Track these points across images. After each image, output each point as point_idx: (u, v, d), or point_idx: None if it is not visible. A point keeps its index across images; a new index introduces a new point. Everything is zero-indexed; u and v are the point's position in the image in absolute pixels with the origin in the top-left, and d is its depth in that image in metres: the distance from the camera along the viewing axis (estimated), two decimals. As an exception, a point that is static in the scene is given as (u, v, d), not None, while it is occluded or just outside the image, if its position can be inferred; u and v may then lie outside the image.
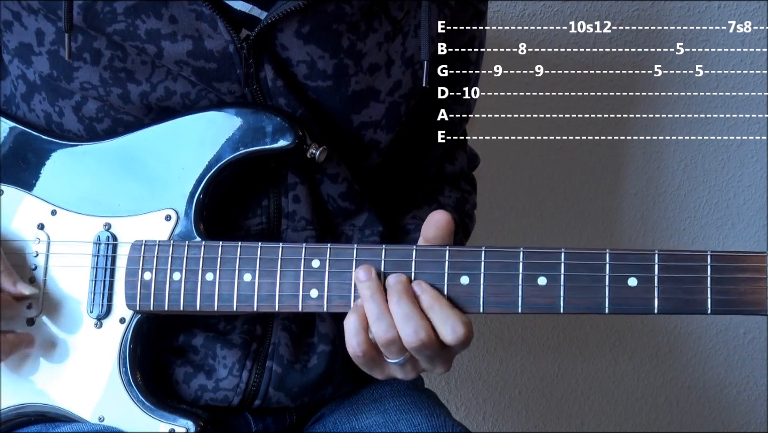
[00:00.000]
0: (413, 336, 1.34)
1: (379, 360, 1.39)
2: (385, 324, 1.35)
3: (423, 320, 1.35)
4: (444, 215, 1.38)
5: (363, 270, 1.37)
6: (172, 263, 1.44)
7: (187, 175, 1.46)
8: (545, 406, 2.44)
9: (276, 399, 1.53)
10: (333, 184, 1.53)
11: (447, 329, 1.35)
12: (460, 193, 1.70)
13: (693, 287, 1.32)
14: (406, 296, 1.35)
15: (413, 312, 1.35)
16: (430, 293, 1.36)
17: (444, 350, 1.37)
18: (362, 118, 1.53)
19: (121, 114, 1.50)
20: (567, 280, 1.35)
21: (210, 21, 1.45)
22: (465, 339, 1.35)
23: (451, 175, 1.70)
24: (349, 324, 1.37)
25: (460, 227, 1.66)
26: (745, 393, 2.50)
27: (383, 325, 1.35)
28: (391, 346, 1.36)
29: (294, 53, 1.47)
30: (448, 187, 1.69)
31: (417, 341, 1.34)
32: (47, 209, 1.51)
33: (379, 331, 1.35)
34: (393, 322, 1.35)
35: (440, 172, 1.69)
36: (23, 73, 1.53)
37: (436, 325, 1.35)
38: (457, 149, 1.71)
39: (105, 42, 1.47)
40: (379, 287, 1.37)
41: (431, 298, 1.36)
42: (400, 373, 1.41)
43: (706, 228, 2.42)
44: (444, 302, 1.36)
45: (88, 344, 1.48)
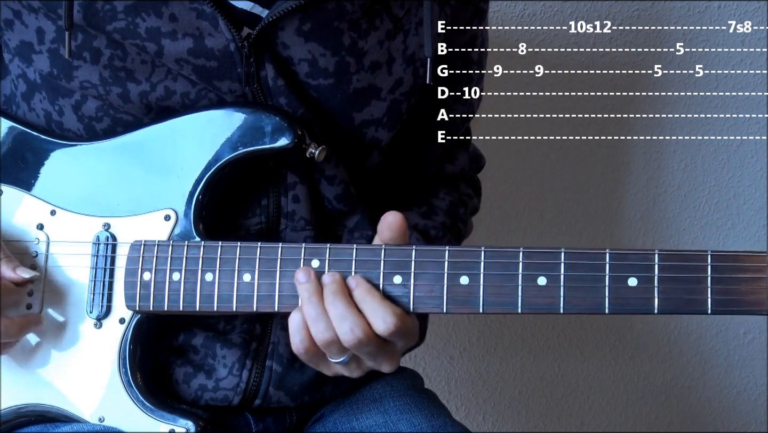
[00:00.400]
0: (350, 334, 1.35)
1: (322, 357, 1.41)
2: (323, 325, 1.36)
3: (357, 318, 1.36)
4: (396, 216, 1.38)
5: (302, 272, 1.38)
6: (171, 263, 1.44)
7: (186, 175, 1.46)
8: (545, 406, 2.44)
9: (276, 398, 1.53)
10: (330, 186, 1.53)
11: (378, 320, 1.35)
12: (457, 196, 1.69)
13: (693, 287, 1.32)
14: (339, 295, 1.36)
15: (347, 310, 1.36)
16: (363, 286, 1.37)
17: (385, 345, 1.38)
18: (364, 116, 1.53)
19: (120, 114, 1.50)
20: (567, 280, 1.35)
21: (211, 19, 1.45)
22: (396, 330, 1.36)
23: (450, 175, 1.69)
24: (292, 322, 1.38)
25: (451, 231, 1.65)
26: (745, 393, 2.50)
27: (321, 326, 1.37)
28: (331, 346, 1.37)
29: (295, 51, 1.47)
30: (444, 189, 1.68)
31: (354, 339, 1.35)
32: (46, 209, 1.50)
33: (318, 333, 1.37)
34: (330, 323, 1.36)
35: (440, 171, 1.69)
36: (23, 72, 1.53)
37: (368, 318, 1.36)
38: (458, 149, 1.70)
39: (105, 41, 1.47)
40: (317, 288, 1.38)
41: (363, 291, 1.37)
42: (346, 371, 1.42)
43: (706, 228, 2.42)
44: (375, 294, 1.37)
45: (87, 344, 1.48)
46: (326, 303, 1.37)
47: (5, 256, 1.46)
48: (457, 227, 1.67)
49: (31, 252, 1.50)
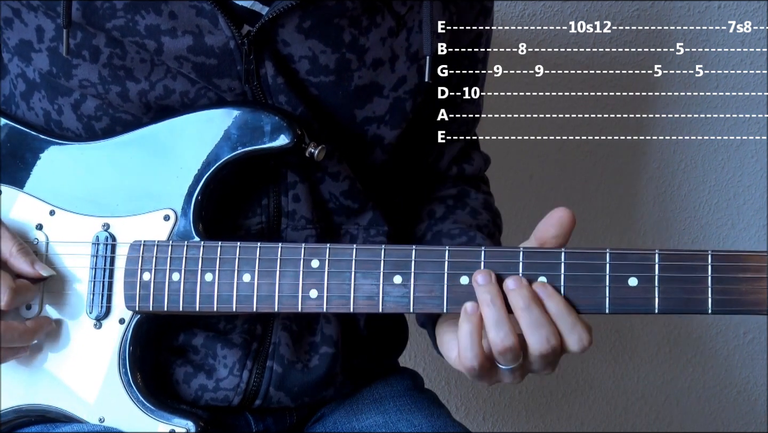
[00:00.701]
0: (545, 343, 1.32)
1: (492, 370, 1.36)
2: (504, 331, 1.32)
3: (552, 327, 1.32)
4: (568, 212, 1.35)
5: (482, 274, 1.34)
6: (171, 264, 1.44)
7: (185, 175, 1.46)
8: (545, 406, 2.44)
9: (276, 399, 1.53)
10: (335, 183, 1.53)
11: (574, 337, 1.33)
12: (485, 196, 1.69)
13: (693, 286, 1.32)
14: (534, 303, 1.32)
15: (543, 319, 1.32)
16: (557, 299, 1.33)
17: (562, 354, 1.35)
18: (365, 113, 1.52)
19: (119, 113, 1.49)
20: (567, 280, 1.34)
21: (211, 17, 1.45)
22: (589, 346, 1.34)
23: (470, 176, 1.69)
24: (464, 335, 1.34)
25: (496, 226, 1.65)
26: (745, 393, 2.50)
27: (502, 332, 1.32)
28: (508, 353, 1.33)
29: (295, 49, 1.47)
30: (473, 190, 1.68)
31: (548, 348, 1.32)
32: (46, 209, 1.50)
33: (497, 338, 1.32)
34: (512, 328, 1.32)
35: (461, 172, 1.68)
36: (23, 72, 1.53)
37: (563, 332, 1.33)
38: (473, 150, 1.71)
39: (104, 39, 1.47)
40: (499, 291, 1.33)
41: (558, 304, 1.33)
42: (509, 378, 1.38)
43: (706, 228, 2.42)
44: (571, 309, 1.33)
45: (87, 344, 1.48)
46: (518, 309, 1.32)
47: (21, 248, 1.46)
48: (497, 222, 1.67)
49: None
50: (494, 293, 1.33)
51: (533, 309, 1.32)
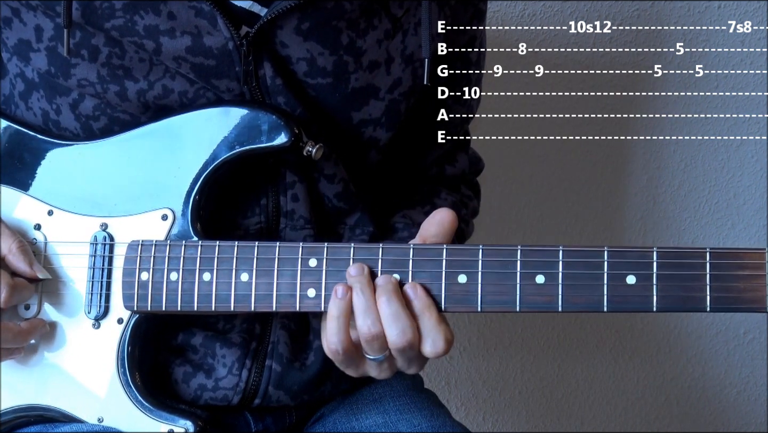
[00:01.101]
0: (401, 336, 1.35)
1: (357, 358, 1.40)
2: (371, 319, 1.36)
3: (411, 321, 1.35)
4: (449, 213, 1.38)
5: (355, 267, 1.38)
6: (169, 263, 1.44)
7: (183, 175, 1.46)
8: (545, 406, 2.44)
9: (276, 398, 1.53)
10: (329, 185, 1.53)
11: (428, 341, 1.36)
12: (458, 198, 1.69)
13: (692, 284, 1.32)
14: (395, 296, 1.36)
15: (402, 312, 1.35)
16: (424, 300, 1.37)
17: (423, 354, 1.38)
18: (362, 115, 1.52)
19: (117, 112, 1.50)
20: (565, 278, 1.34)
21: (209, 18, 1.45)
22: (442, 353, 1.36)
23: (451, 176, 1.69)
24: (333, 319, 1.38)
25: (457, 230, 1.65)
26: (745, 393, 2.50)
27: (369, 319, 1.36)
28: (374, 342, 1.36)
29: (294, 50, 1.47)
30: (445, 190, 1.68)
31: (404, 341, 1.35)
32: (44, 210, 1.50)
33: (364, 325, 1.36)
34: (379, 317, 1.36)
35: (441, 173, 1.68)
36: (21, 71, 1.53)
37: (422, 332, 1.36)
38: (458, 151, 1.70)
39: (103, 39, 1.47)
40: (370, 283, 1.37)
41: (423, 305, 1.36)
42: (375, 371, 1.41)
43: (706, 228, 2.42)
44: (434, 311, 1.37)
45: (86, 344, 1.48)
46: (380, 301, 1.36)
47: (21, 246, 1.46)
48: (460, 227, 1.67)
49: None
50: (364, 283, 1.37)
51: (393, 302, 1.35)
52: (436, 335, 1.35)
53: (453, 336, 1.37)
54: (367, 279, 1.37)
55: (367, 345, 1.37)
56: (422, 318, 1.36)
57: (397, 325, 1.35)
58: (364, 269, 1.38)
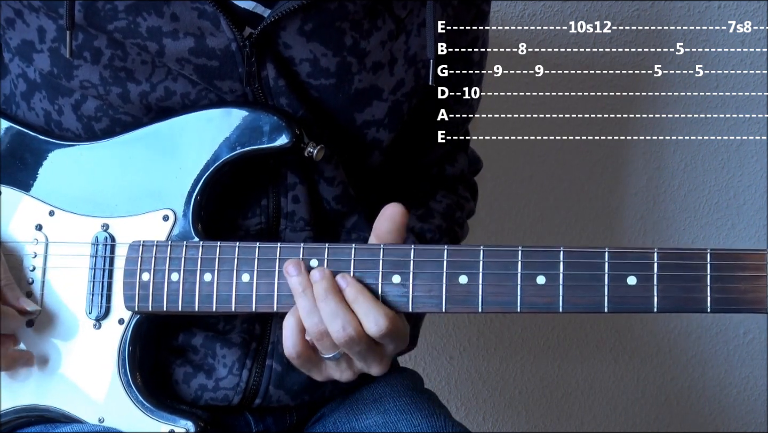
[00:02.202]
0: (341, 332, 1.36)
1: (315, 359, 1.41)
2: (317, 318, 1.37)
3: (349, 315, 1.36)
4: (397, 207, 1.39)
5: (292, 265, 1.39)
6: (170, 264, 1.44)
7: (184, 175, 1.46)
8: (545, 406, 2.44)
9: (276, 398, 1.53)
10: (329, 187, 1.53)
11: (370, 321, 1.36)
12: (455, 199, 1.69)
13: (692, 285, 1.32)
14: (331, 292, 1.37)
15: (339, 307, 1.36)
16: (354, 286, 1.38)
17: (375, 346, 1.39)
18: (365, 116, 1.53)
19: (120, 114, 1.50)
20: (566, 279, 1.35)
21: (212, 19, 1.45)
22: (388, 332, 1.36)
23: (450, 176, 1.70)
24: (287, 325, 1.39)
25: (447, 234, 1.65)
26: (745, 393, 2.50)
27: (315, 319, 1.37)
28: (324, 340, 1.38)
29: (297, 51, 1.47)
30: (442, 192, 1.68)
31: (345, 336, 1.36)
32: (45, 210, 1.50)
33: (311, 325, 1.37)
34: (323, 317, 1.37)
35: (441, 173, 1.69)
36: (24, 72, 1.53)
37: (360, 318, 1.37)
38: (458, 151, 1.71)
39: (105, 40, 1.47)
40: (309, 281, 1.38)
41: (355, 291, 1.37)
42: (337, 372, 1.42)
43: (706, 228, 2.42)
44: (367, 294, 1.37)
45: (87, 345, 1.48)
46: (317, 300, 1.37)
47: (7, 283, 1.47)
48: (454, 229, 1.67)
49: (30, 253, 1.50)
50: (305, 284, 1.38)
51: (329, 300, 1.36)
52: (376, 313, 1.36)
53: (396, 315, 1.38)
54: (306, 278, 1.38)
55: (318, 344, 1.39)
56: (357, 303, 1.37)
57: (336, 321, 1.36)
58: (301, 266, 1.39)
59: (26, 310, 1.47)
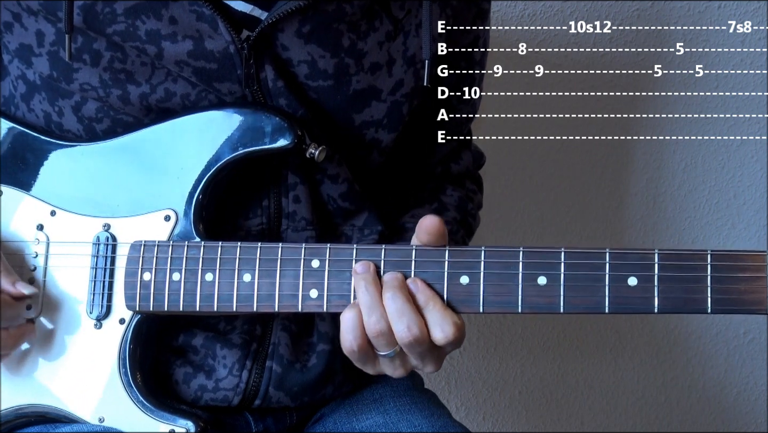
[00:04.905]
0: (406, 331, 1.35)
1: (371, 355, 1.40)
2: (377, 315, 1.36)
3: (416, 316, 1.36)
4: (434, 220, 1.38)
5: (362, 264, 1.39)
6: (171, 264, 1.44)
7: (186, 176, 1.46)
8: (545, 406, 2.44)
9: (276, 399, 1.53)
10: (333, 185, 1.54)
11: (437, 328, 1.36)
12: (464, 192, 1.70)
13: (693, 286, 1.32)
14: (400, 292, 1.36)
15: (406, 307, 1.36)
16: (426, 292, 1.37)
17: (435, 348, 1.38)
18: (364, 117, 1.53)
19: (120, 115, 1.50)
20: (567, 279, 1.35)
21: (210, 21, 1.45)
22: (454, 340, 1.36)
23: (456, 174, 1.70)
24: (346, 319, 1.38)
25: (463, 225, 1.66)
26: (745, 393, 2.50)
27: (375, 316, 1.37)
28: (381, 338, 1.37)
29: (295, 53, 1.47)
30: (450, 186, 1.69)
31: (410, 336, 1.35)
32: (46, 210, 1.51)
33: (371, 321, 1.37)
34: (384, 313, 1.36)
35: (446, 171, 1.69)
36: (23, 74, 1.53)
37: (428, 323, 1.36)
38: (462, 149, 1.71)
39: (105, 43, 1.47)
40: (375, 280, 1.38)
41: (426, 297, 1.37)
42: (390, 368, 1.42)
43: (706, 228, 2.42)
44: (438, 301, 1.37)
45: (87, 344, 1.48)
46: (385, 298, 1.37)
47: (5, 269, 1.47)
48: (468, 221, 1.68)
49: (31, 253, 1.50)
50: (369, 281, 1.38)
51: (397, 298, 1.36)
52: (443, 321, 1.36)
53: (463, 322, 1.37)
54: (372, 276, 1.38)
55: (375, 341, 1.38)
56: (427, 308, 1.37)
57: (402, 320, 1.35)
58: (370, 266, 1.38)
59: (23, 294, 1.46)
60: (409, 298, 1.37)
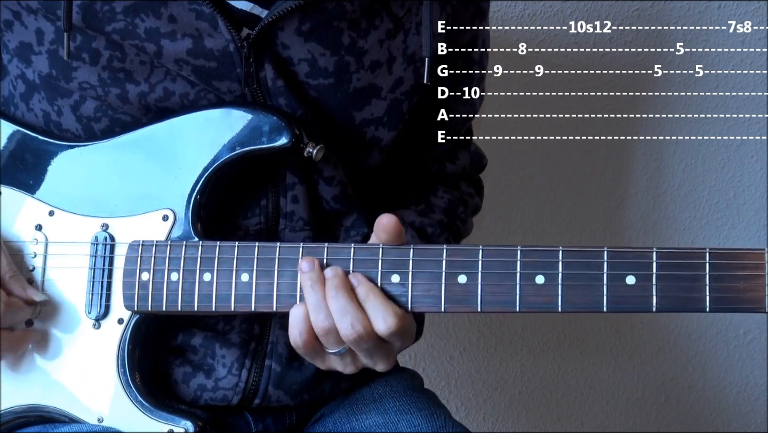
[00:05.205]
0: (350, 329, 1.36)
1: (319, 350, 1.41)
2: (323, 314, 1.37)
3: (359, 313, 1.37)
4: (391, 219, 1.39)
5: (306, 262, 1.39)
6: (169, 264, 1.44)
7: (184, 176, 1.46)
8: (545, 406, 2.44)
9: (275, 398, 1.53)
10: (327, 187, 1.54)
11: (379, 319, 1.37)
12: (457, 195, 1.69)
13: (691, 284, 1.32)
14: (342, 289, 1.37)
15: (349, 305, 1.37)
16: (365, 285, 1.38)
17: (382, 344, 1.39)
18: (364, 115, 1.53)
19: (119, 114, 1.50)
20: (565, 278, 1.35)
21: (210, 20, 1.45)
22: (396, 330, 1.37)
23: (451, 174, 1.70)
24: (293, 315, 1.39)
25: (449, 229, 1.65)
26: (745, 393, 2.50)
27: (321, 315, 1.37)
28: (329, 336, 1.38)
29: (295, 51, 1.47)
30: (442, 188, 1.68)
31: (353, 333, 1.36)
32: (45, 210, 1.51)
33: (318, 321, 1.38)
34: (330, 313, 1.38)
35: (441, 170, 1.69)
36: (22, 73, 1.53)
37: (370, 316, 1.37)
38: (460, 149, 1.71)
39: (104, 42, 1.47)
40: (320, 278, 1.39)
41: (366, 289, 1.38)
42: (340, 364, 1.43)
43: (706, 228, 2.42)
44: (378, 292, 1.38)
45: (86, 344, 1.48)
46: (328, 297, 1.38)
47: (14, 274, 1.47)
48: (456, 225, 1.67)
49: (30, 253, 1.50)
50: (315, 279, 1.39)
51: (340, 296, 1.37)
52: (384, 311, 1.37)
53: (405, 313, 1.39)
54: (318, 274, 1.39)
55: (324, 339, 1.39)
56: (368, 301, 1.38)
57: (345, 318, 1.36)
58: (315, 262, 1.39)
59: (34, 300, 1.47)
60: (351, 295, 1.38)
